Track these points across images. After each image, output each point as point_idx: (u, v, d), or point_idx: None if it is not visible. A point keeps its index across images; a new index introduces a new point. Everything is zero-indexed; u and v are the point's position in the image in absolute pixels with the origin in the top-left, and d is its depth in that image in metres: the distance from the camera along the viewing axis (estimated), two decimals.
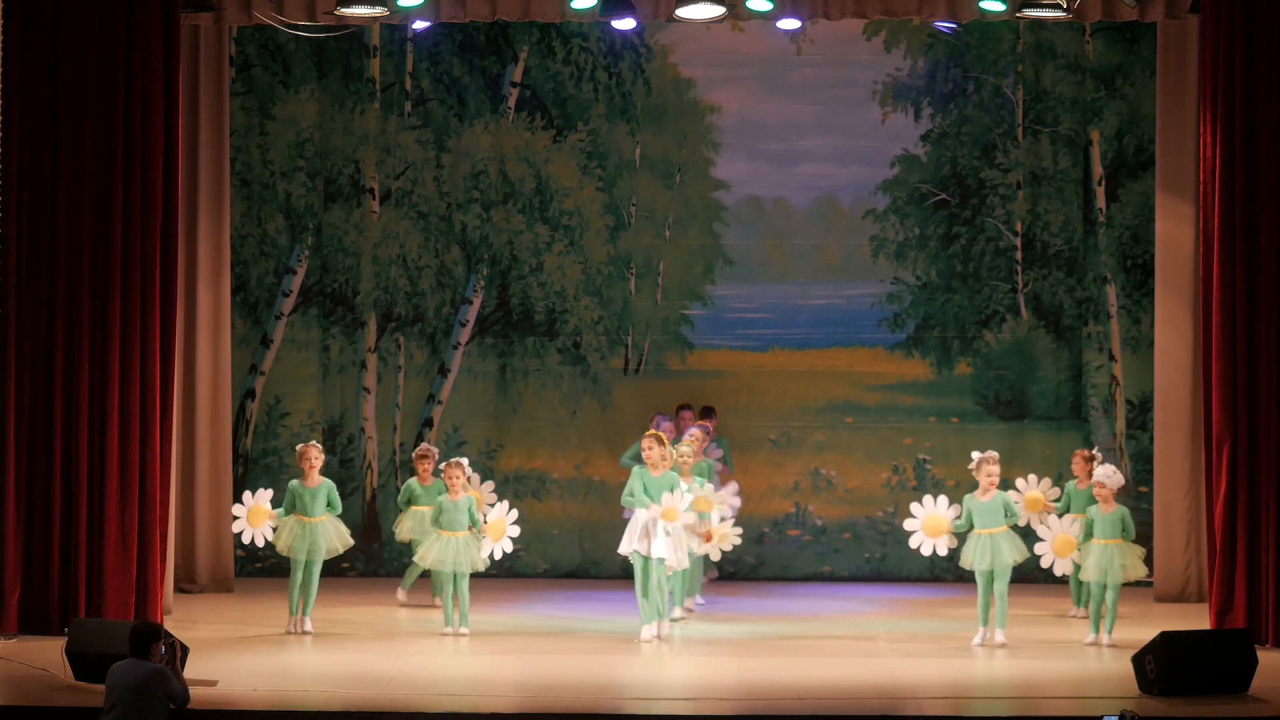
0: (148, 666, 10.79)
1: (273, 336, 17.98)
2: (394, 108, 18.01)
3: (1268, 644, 14.12)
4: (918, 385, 17.93)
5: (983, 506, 14.35)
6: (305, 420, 17.89)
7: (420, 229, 18.04)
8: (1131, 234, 17.63)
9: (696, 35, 17.45)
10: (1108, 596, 14.33)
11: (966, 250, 17.89)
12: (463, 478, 14.87)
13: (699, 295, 18.03)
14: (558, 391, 18.00)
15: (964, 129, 17.84)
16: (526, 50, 17.97)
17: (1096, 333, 17.72)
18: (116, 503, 14.40)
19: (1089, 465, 15.18)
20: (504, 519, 14.67)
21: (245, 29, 17.26)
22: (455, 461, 14.94)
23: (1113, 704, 11.94)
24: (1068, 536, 14.47)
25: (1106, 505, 14.33)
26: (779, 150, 17.97)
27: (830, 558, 17.51)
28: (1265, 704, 12.35)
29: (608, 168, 18.02)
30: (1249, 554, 14.33)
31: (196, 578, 16.73)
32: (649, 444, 14.64)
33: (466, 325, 18.04)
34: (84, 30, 14.46)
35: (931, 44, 17.77)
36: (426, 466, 15.79)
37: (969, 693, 13.02)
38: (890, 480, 17.87)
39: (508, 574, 17.78)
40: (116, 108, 14.48)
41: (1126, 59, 17.60)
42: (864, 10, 15.20)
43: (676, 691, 12.97)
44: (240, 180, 17.76)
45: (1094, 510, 14.39)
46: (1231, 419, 14.40)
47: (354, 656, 13.91)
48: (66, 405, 14.43)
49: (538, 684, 13.04)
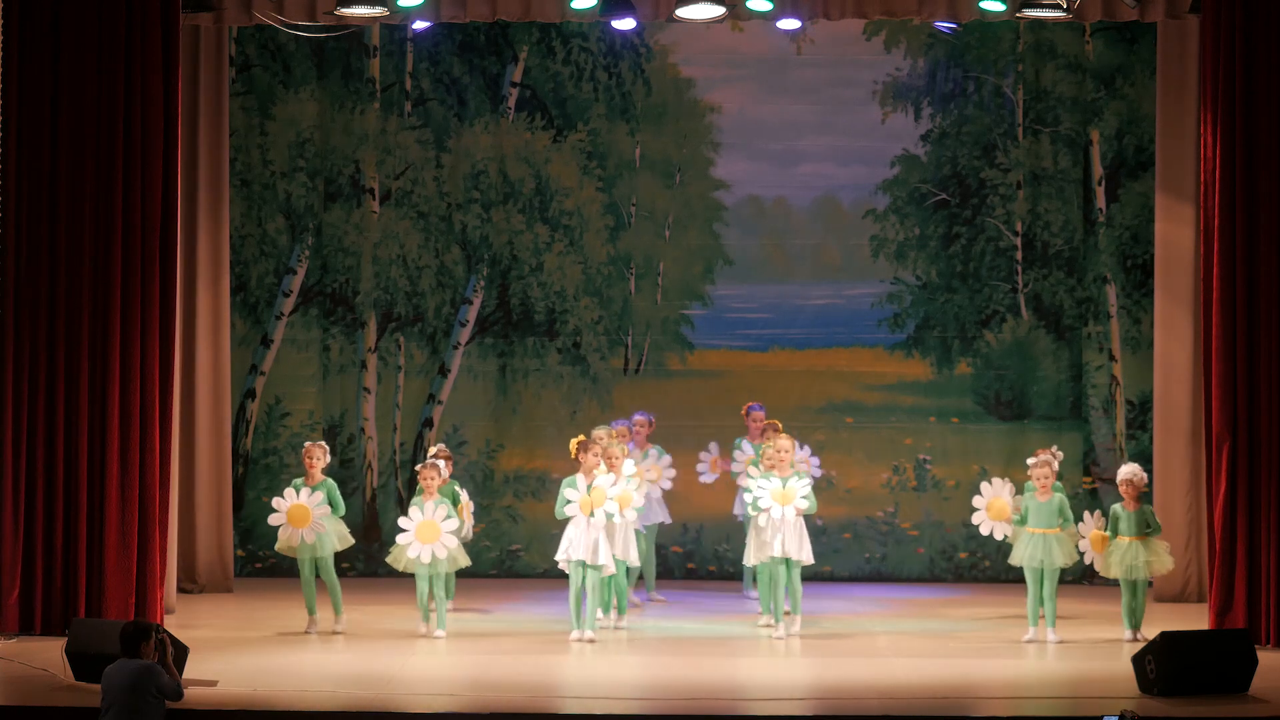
0: (137, 664, 10.82)
1: (273, 336, 17.98)
2: (394, 108, 18.01)
3: (1268, 644, 14.13)
4: (918, 385, 17.93)
5: (1039, 506, 14.51)
6: (305, 420, 17.88)
7: (420, 229, 18.04)
8: (1131, 234, 17.63)
9: (696, 35, 17.46)
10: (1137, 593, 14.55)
11: (967, 250, 17.89)
12: (438, 479, 14.78)
13: (699, 295, 18.03)
14: (558, 391, 18.00)
15: (964, 129, 17.84)
16: (526, 50, 17.97)
17: (1096, 333, 17.72)
18: (116, 503, 14.40)
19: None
20: (436, 521, 14.55)
21: (245, 29, 17.26)
22: (430, 463, 14.87)
23: (1113, 704, 11.95)
24: (1002, 500, 14.85)
25: (1130, 503, 14.44)
26: (779, 150, 17.97)
27: (830, 558, 17.50)
28: (1265, 704, 12.36)
29: (608, 168, 18.02)
30: (1249, 554, 14.35)
31: (196, 578, 16.72)
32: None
33: (466, 325, 18.04)
34: (84, 30, 14.46)
35: (931, 44, 17.77)
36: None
37: (968, 693, 13.02)
38: (890, 480, 17.87)
39: (508, 574, 17.81)
40: (116, 108, 14.48)
41: (1126, 59, 17.60)
42: (864, 10, 15.21)
43: (676, 691, 12.96)
44: (240, 180, 17.76)
45: (1117, 508, 14.50)
46: (1231, 419, 14.41)
47: (354, 656, 13.92)
48: (67, 405, 14.43)
49: (538, 684, 13.04)
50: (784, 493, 14.71)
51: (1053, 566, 14.45)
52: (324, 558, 14.80)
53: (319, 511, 14.64)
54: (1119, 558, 14.47)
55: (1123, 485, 14.52)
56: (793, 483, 14.71)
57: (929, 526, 17.78)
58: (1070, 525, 14.55)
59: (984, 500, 15.11)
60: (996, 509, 15.04)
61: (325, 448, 14.96)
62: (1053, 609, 14.52)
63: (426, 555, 14.51)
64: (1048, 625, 14.52)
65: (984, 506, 15.11)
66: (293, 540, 14.73)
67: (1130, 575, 14.50)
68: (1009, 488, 15.01)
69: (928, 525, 17.77)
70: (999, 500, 15.03)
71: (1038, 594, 14.53)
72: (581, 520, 14.47)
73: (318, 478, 14.84)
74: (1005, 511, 14.93)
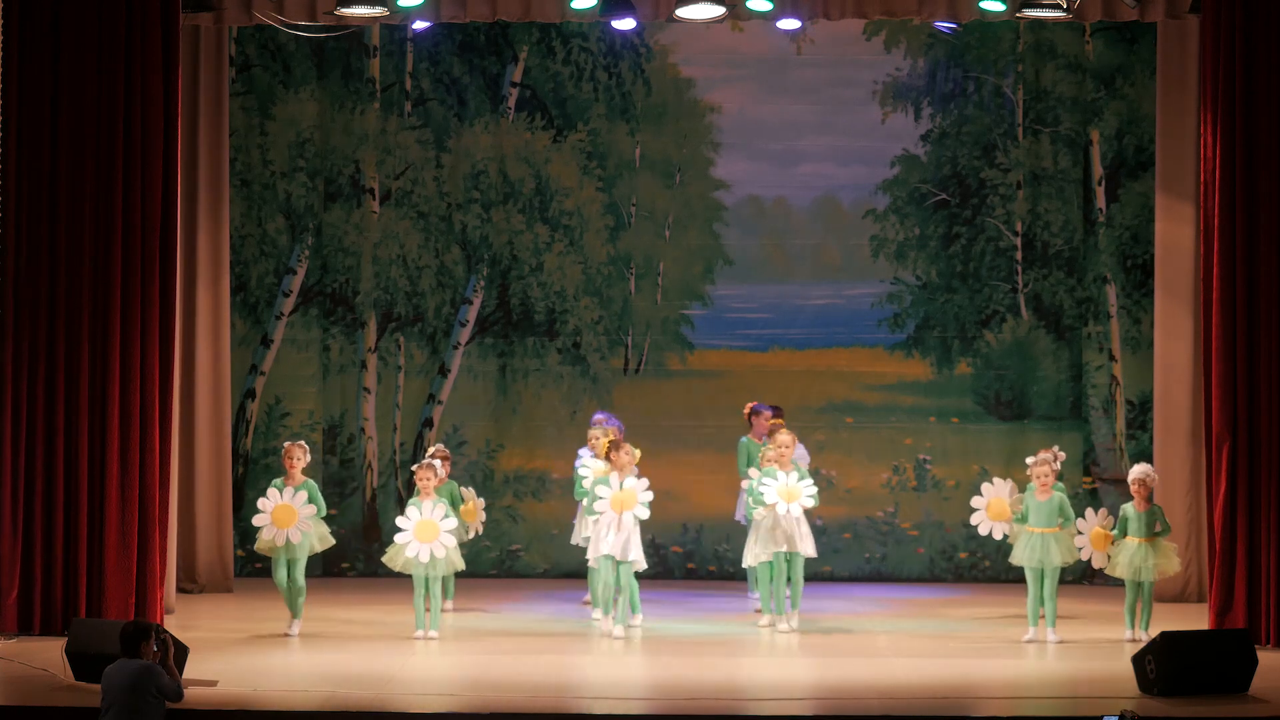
0: (137, 664, 10.82)
1: (273, 336, 17.98)
2: (394, 108, 18.01)
3: (1268, 644, 14.13)
4: (918, 385, 17.93)
5: (1039, 505, 14.51)
6: (305, 420, 17.88)
7: (420, 229, 18.04)
8: (1131, 234, 17.63)
9: (696, 35, 17.45)
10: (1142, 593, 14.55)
11: (966, 250, 17.89)
12: (435, 479, 14.75)
13: (699, 295, 18.03)
14: (558, 391, 18.00)
15: (964, 129, 17.84)
16: (526, 50, 17.97)
17: (1096, 333, 17.72)
18: (116, 503, 14.40)
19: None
20: (435, 521, 14.49)
21: (245, 29, 17.26)
22: (426, 463, 14.86)
23: (1113, 704, 11.95)
24: (1002, 500, 14.83)
25: (1140, 503, 14.44)
26: (779, 150, 17.97)
27: (830, 558, 17.50)
28: (1265, 704, 12.36)
29: (608, 168, 18.02)
30: (1249, 554, 14.35)
31: (196, 578, 16.72)
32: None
33: (466, 325, 18.04)
34: (84, 30, 14.45)
35: (931, 44, 17.77)
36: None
37: (968, 693, 13.02)
38: (890, 480, 17.87)
39: (508, 574, 17.81)
40: (116, 107, 14.48)
41: (1126, 59, 17.60)
42: (864, 10, 15.21)
43: (676, 691, 12.97)
44: (240, 180, 17.76)
45: (1128, 508, 14.50)
46: (1231, 419, 14.41)
47: (354, 656, 13.91)
48: (67, 405, 14.43)
49: (537, 684, 13.04)
50: (789, 489, 14.75)
51: (1052, 566, 14.46)
52: (297, 560, 14.72)
53: (305, 511, 14.62)
54: (1126, 559, 14.47)
55: (1134, 485, 14.51)
56: (794, 478, 14.78)
57: (929, 526, 17.78)
58: (1070, 524, 14.55)
59: (984, 500, 15.11)
60: (996, 509, 15.04)
61: (305, 448, 14.89)
62: (1053, 609, 14.52)
63: (425, 555, 14.49)
64: (1048, 625, 14.52)
65: (983, 507, 15.10)
66: (278, 540, 14.67)
67: (1136, 576, 14.50)
68: (1010, 487, 15.00)
69: (928, 525, 17.78)
70: (999, 500, 15.03)
71: (1038, 594, 14.53)
72: (612, 517, 14.61)
73: (299, 478, 14.77)
74: (1005, 511, 14.93)
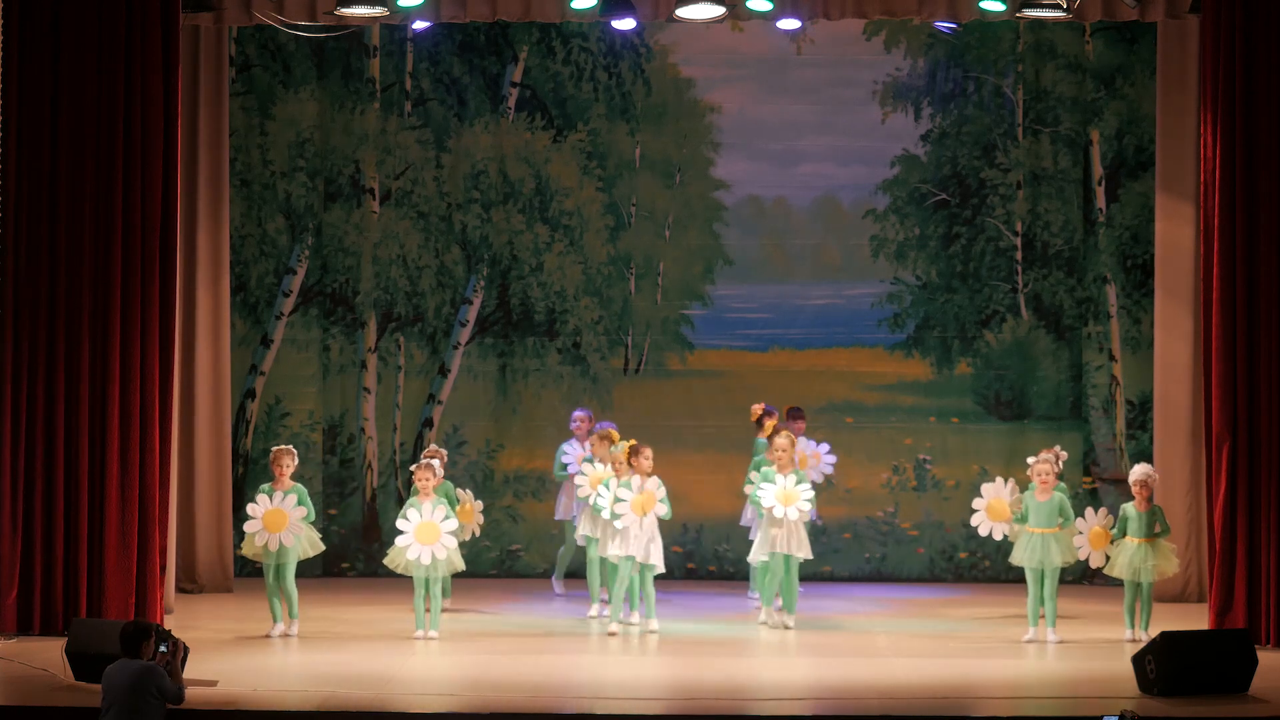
0: (139, 664, 10.80)
1: (273, 336, 17.97)
2: (394, 108, 18.01)
3: (1268, 644, 14.13)
4: (918, 385, 17.93)
5: (1039, 506, 14.52)
6: (305, 420, 17.87)
7: (420, 229, 18.04)
8: (1131, 234, 17.63)
9: (696, 35, 17.46)
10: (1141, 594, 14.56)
11: (966, 250, 17.89)
12: (433, 479, 14.74)
13: (699, 295, 18.03)
14: (558, 391, 18.00)
15: (964, 129, 17.84)
16: (526, 50, 17.97)
17: (1096, 333, 17.72)
18: (116, 503, 14.40)
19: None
20: (436, 522, 14.49)
21: (245, 29, 17.25)
22: (424, 463, 14.85)
23: (1113, 704, 11.94)
24: (1001, 500, 14.87)
25: (1141, 504, 14.45)
26: (779, 150, 17.97)
27: (830, 558, 17.51)
28: (1265, 704, 12.36)
29: (608, 168, 18.02)
30: (1249, 554, 14.35)
31: (196, 578, 16.72)
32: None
33: (466, 325, 18.04)
34: (84, 30, 14.45)
35: (931, 44, 17.77)
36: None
37: (968, 693, 13.02)
38: (890, 480, 17.87)
39: (508, 574, 17.81)
40: (116, 108, 14.48)
41: (1126, 59, 17.60)
42: (864, 10, 15.21)
43: (673, 691, 12.97)
44: (240, 180, 17.76)
45: (1128, 508, 14.50)
46: (1231, 419, 14.41)
47: (354, 656, 13.91)
48: (67, 405, 14.43)
49: (537, 684, 13.04)
50: (787, 493, 14.76)
51: (1052, 566, 14.46)
52: (286, 564, 14.68)
53: (295, 514, 14.59)
54: (1126, 559, 14.47)
55: (1136, 485, 14.51)
56: (793, 481, 14.79)
57: (929, 526, 17.78)
58: (1070, 524, 14.55)
59: (984, 501, 15.11)
60: (996, 509, 15.04)
61: (294, 453, 14.80)
62: (1053, 609, 14.52)
63: (426, 556, 14.49)
64: (1048, 625, 14.52)
65: (983, 507, 15.10)
66: (270, 545, 14.62)
67: (1135, 577, 14.50)
68: (1011, 486, 15.00)
69: (928, 525, 17.78)
70: (998, 500, 15.02)
71: (1038, 594, 14.54)
72: (634, 520, 14.76)
73: (287, 484, 14.74)
74: (1005, 512, 14.93)
